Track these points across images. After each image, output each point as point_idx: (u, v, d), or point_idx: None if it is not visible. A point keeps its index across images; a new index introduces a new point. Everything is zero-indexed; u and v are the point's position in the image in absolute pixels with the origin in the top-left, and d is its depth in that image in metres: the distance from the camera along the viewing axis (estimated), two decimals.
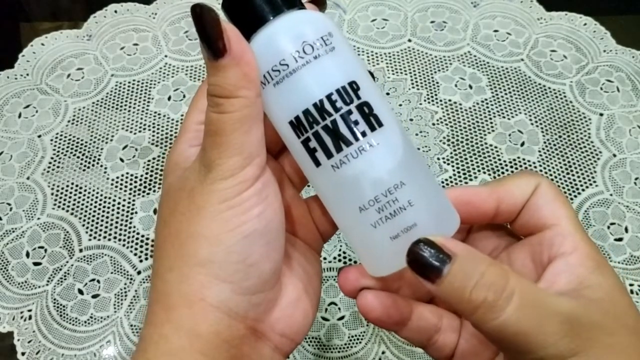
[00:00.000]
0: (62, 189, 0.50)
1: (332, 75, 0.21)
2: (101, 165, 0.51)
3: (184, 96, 0.55)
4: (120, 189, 0.50)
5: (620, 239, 0.47)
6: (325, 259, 0.46)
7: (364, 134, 0.21)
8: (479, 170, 0.50)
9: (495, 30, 0.59)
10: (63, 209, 0.49)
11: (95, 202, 0.49)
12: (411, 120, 0.53)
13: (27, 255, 0.46)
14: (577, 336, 0.20)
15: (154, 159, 0.51)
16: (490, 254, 0.26)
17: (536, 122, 0.53)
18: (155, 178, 0.50)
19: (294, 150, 0.23)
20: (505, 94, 0.55)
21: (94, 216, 0.48)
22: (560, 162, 0.51)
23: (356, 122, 0.21)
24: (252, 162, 0.21)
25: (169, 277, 0.22)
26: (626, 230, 0.47)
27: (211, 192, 0.21)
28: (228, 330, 0.22)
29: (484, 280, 0.20)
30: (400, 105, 0.54)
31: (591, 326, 0.20)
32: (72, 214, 0.48)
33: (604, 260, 0.22)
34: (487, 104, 0.54)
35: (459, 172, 0.50)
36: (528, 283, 0.21)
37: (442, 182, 0.50)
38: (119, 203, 0.49)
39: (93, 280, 0.45)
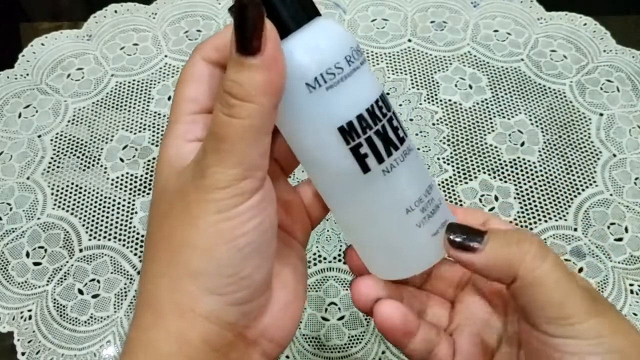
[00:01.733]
0: (62, 189, 0.50)
1: (375, 83, 0.22)
2: (101, 165, 0.51)
3: None
4: (120, 189, 0.50)
5: (620, 239, 0.47)
6: (325, 258, 0.46)
7: (403, 139, 0.22)
8: (479, 170, 0.50)
9: (495, 30, 0.59)
10: (63, 209, 0.49)
11: (95, 202, 0.49)
12: (411, 120, 0.53)
13: (27, 255, 0.46)
14: (595, 302, 0.22)
15: (154, 159, 0.51)
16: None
17: (536, 122, 0.53)
18: None
19: (333, 158, 0.22)
20: (505, 94, 0.55)
21: (94, 216, 0.48)
22: (560, 162, 0.51)
23: (397, 128, 0.22)
24: (252, 175, 0.20)
25: (159, 282, 0.22)
26: (626, 230, 0.47)
27: (207, 201, 0.20)
28: (217, 339, 0.22)
29: (520, 237, 0.23)
30: (400, 105, 0.54)
31: (601, 300, 0.23)
32: (72, 214, 0.48)
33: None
34: (487, 104, 0.54)
35: (459, 172, 0.50)
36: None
37: (442, 182, 0.50)
38: (119, 203, 0.49)
39: (93, 280, 0.45)
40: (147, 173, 0.50)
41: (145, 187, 0.50)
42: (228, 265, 0.21)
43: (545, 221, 0.48)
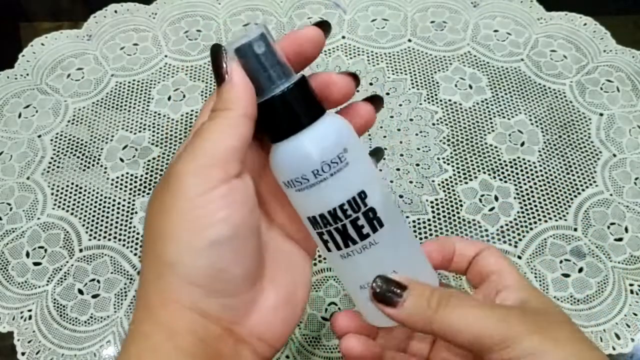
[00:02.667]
0: (62, 189, 0.50)
1: (344, 189, 0.24)
2: (101, 165, 0.51)
3: (184, 96, 0.55)
4: (120, 189, 0.50)
5: (620, 239, 0.47)
6: (325, 259, 0.46)
7: (367, 235, 0.25)
8: (478, 170, 0.50)
9: (495, 30, 0.59)
10: (63, 209, 0.49)
11: (95, 202, 0.49)
12: (411, 120, 0.53)
13: (27, 255, 0.46)
14: (532, 321, 0.23)
15: (154, 159, 0.51)
16: None
17: (536, 122, 0.53)
18: (156, 178, 0.50)
19: (310, 231, 0.26)
20: (505, 94, 0.55)
21: (94, 216, 0.48)
22: (560, 162, 0.51)
23: (362, 226, 0.25)
24: (221, 166, 0.22)
25: (147, 276, 0.23)
26: (626, 230, 0.47)
27: (178, 189, 0.22)
28: (203, 330, 0.22)
29: (440, 292, 0.25)
30: (400, 105, 0.54)
31: (541, 315, 0.24)
32: (72, 214, 0.48)
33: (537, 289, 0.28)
34: (487, 104, 0.54)
35: (458, 172, 0.50)
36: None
37: (442, 182, 0.50)
38: (119, 203, 0.49)
39: (93, 280, 0.45)
40: (147, 173, 0.50)
41: (145, 187, 0.50)
42: (203, 256, 0.22)
43: (545, 221, 0.48)
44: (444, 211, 0.48)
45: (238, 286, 0.23)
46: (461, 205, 0.48)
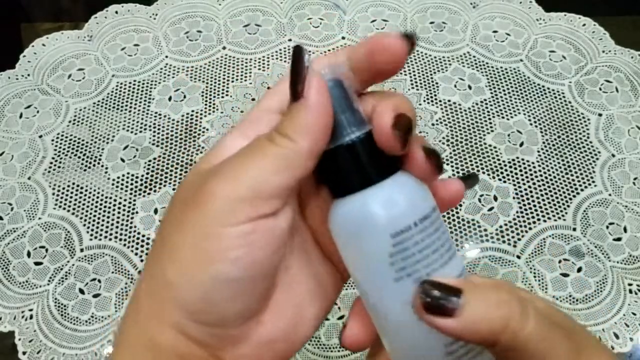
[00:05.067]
0: (63, 189, 0.50)
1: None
2: (102, 166, 0.51)
3: (185, 97, 0.55)
4: (121, 189, 0.50)
5: (619, 239, 0.47)
6: None
7: None
8: (478, 171, 0.50)
9: (495, 31, 0.60)
10: (64, 208, 0.49)
11: (96, 202, 0.49)
12: None
13: (28, 254, 0.47)
14: (573, 340, 0.20)
15: (154, 159, 0.51)
16: None
17: (535, 122, 0.54)
18: (156, 178, 0.50)
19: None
20: (505, 94, 0.55)
21: (94, 216, 0.48)
22: (559, 162, 0.51)
23: None
24: (256, 203, 0.20)
25: (145, 282, 0.22)
26: (625, 230, 0.47)
27: (196, 213, 0.20)
28: (187, 349, 0.21)
29: (500, 298, 0.20)
30: None
31: (578, 332, 0.21)
32: (73, 213, 0.48)
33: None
34: (486, 104, 0.55)
35: (458, 172, 0.50)
36: (530, 294, 0.21)
37: None
38: (119, 203, 0.49)
39: (94, 279, 0.45)
40: (147, 173, 0.51)
41: (145, 187, 0.50)
42: (199, 287, 0.20)
43: (544, 221, 0.48)
44: None
45: (229, 322, 0.22)
46: (460, 205, 0.49)
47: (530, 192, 0.49)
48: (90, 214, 0.48)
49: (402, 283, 0.21)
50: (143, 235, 0.47)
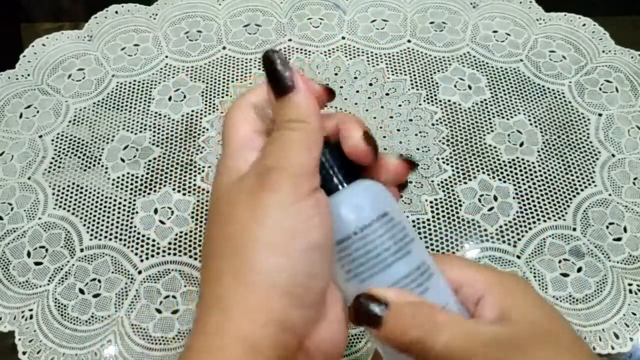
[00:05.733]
0: (63, 189, 0.50)
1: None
2: (102, 166, 0.51)
3: (185, 96, 0.55)
4: (121, 189, 0.50)
5: (619, 239, 0.47)
6: None
7: None
8: (478, 171, 0.50)
9: (495, 31, 0.60)
10: (64, 208, 0.49)
11: (96, 202, 0.49)
12: (411, 120, 0.53)
13: (28, 254, 0.47)
14: (504, 354, 0.22)
15: (154, 159, 0.51)
16: None
17: (535, 122, 0.54)
18: (156, 178, 0.50)
19: None
20: (505, 94, 0.55)
21: (95, 216, 0.48)
22: (559, 162, 0.51)
23: None
24: (308, 178, 0.23)
25: (227, 282, 0.22)
26: (625, 230, 0.47)
27: (271, 197, 0.22)
28: (284, 345, 0.22)
29: (416, 321, 0.23)
30: (400, 105, 0.54)
31: (517, 344, 0.23)
32: (73, 213, 0.48)
33: (531, 292, 0.25)
34: (486, 104, 0.55)
35: (458, 172, 0.50)
36: (457, 316, 0.24)
37: (441, 182, 0.50)
38: (119, 203, 0.49)
39: (94, 279, 0.45)
40: (147, 173, 0.51)
41: (145, 187, 0.50)
42: (301, 262, 0.22)
43: (544, 221, 0.48)
44: (443, 211, 0.48)
45: (318, 297, 0.23)
46: (460, 205, 0.49)
47: (530, 192, 0.49)
48: (90, 214, 0.48)
49: (351, 283, 0.25)
50: (143, 235, 0.47)
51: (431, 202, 0.49)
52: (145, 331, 0.43)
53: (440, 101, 0.55)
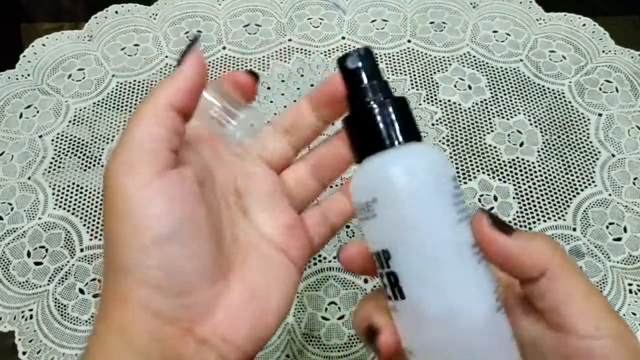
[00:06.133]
0: (63, 189, 0.50)
1: (372, 239, 0.22)
2: (102, 166, 0.51)
3: None
4: None
5: (619, 239, 0.47)
6: (325, 258, 0.46)
7: (390, 297, 0.22)
8: (478, 171, 0.50)
9: (495, 31, 0.60)
10: (64, 208, 0.49)
11: (96, 202, 0.49)
12: None
13: (28, 254, 0.47)
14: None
15: None
16: None
17: (535, 122, 0.54)
18: None
19: None
20: (505, 94, 0.55)
21: (94, 216, 0.48)
22: (559, 162, 0.51)
23: (385, 285, 0.22)
24: (148, 158, 0.22)
25: (105, 282, 0.23)
26: (625, 230, 0.47)
27: (115, 190, 0.22)
28: (159, 331, 0.22)
29: (545, 238, 0.22)
30: None
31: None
32: (73, 213, 0.48)
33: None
34: (486, 104, 0.55)
35: (458, 172, 0.50)
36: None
37: None
38: None
39: (94, 279, 0.45)
40: None
41: None
42: (148, 255, 0.21)
43: (544, 221, 0.48)
44: None
45: (194, 283, 0.22)
46: None
47: (530, 192, 0.49)
48: (90, 214, 0.48)
49: (462, 224, 0.21)
50: None
51: None
52: None
53: (440, 101, 0.55)
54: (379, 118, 0.22)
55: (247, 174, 0.27)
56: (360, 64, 0.24)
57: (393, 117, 0.22)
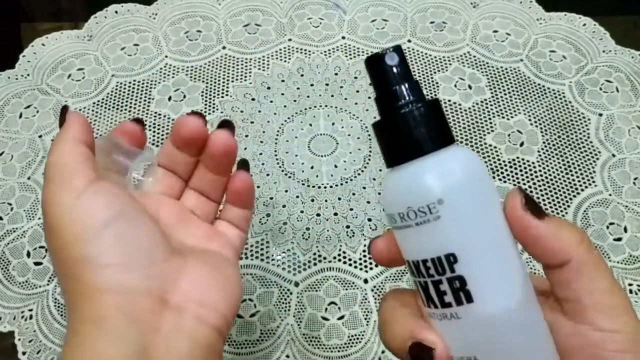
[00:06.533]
0: None
1: (429, 244, 0.21)
2: None
3: (184, 96, 0.55)
4: None
5: (619, 239, 0.47)
6: (325, 258, 0.46)
7: (449, 304, 0.21)
8: None
9: (495, 31, 0.60)
10: None
11: None
12: None
13: (28, 255, 0.46)
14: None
15: None
16: None
17: (535, 122, 0.53)
18: None
19: None
20: (505, 94, 0.55)
21: None
22: (559, 162, 0.51)
23: (444, 292, 0.21)
24: (75, 176, 0.24)
25: (66, 287, 0.24)
26: (625, 230, 0.47)
27: (55, 204, 0.24)
28: (132, 306, 0.23)
29: (574, 226, 0.22)
30: None
31: None
32: None
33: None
34: (486, 104, 0.55)
35: None
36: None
37: None
38: None
39: None
40: None
41: None
42: (102, 237, 0.23)
43: None
44: None
45: (153, 255, 0.25)
46: None
47: (531, 192, 0.49)
48: None
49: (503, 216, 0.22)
50: None
51: None
52: None
53: (440, 101, 0.54)
54: (427, 120, 0.22)
55: (157, 206, 0.30)
56: (398, 60, 0.23)
57: (436, 119, 0.23)
